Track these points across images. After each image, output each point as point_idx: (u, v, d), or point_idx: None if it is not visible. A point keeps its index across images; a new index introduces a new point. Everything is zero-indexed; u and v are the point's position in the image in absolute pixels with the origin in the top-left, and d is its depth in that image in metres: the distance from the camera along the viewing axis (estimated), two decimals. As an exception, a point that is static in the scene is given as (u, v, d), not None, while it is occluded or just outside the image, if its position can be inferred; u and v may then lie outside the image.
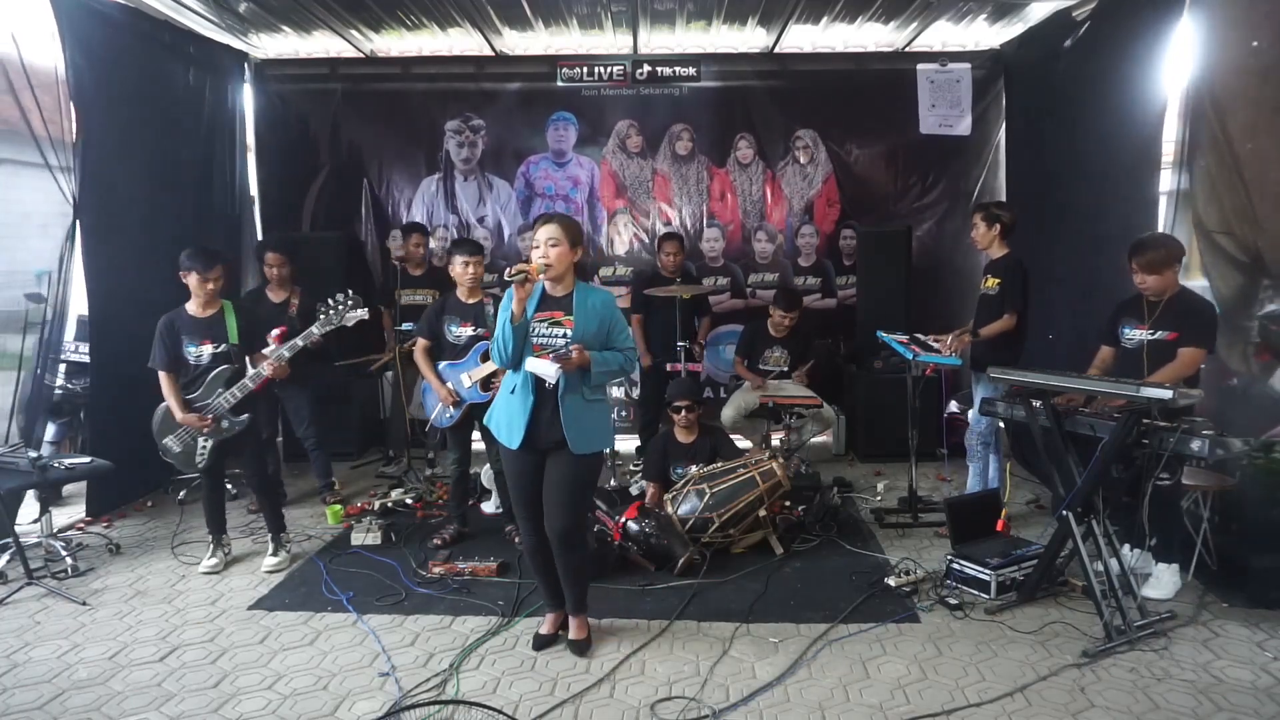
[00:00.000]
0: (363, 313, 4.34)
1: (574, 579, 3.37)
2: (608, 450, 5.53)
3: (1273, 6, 4.00)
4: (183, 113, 5.81)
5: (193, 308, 4.16)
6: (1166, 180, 4.34)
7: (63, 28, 4.66)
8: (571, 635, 3.40)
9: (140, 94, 5.35)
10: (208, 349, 4.12)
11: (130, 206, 5.19)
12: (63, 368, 5.13)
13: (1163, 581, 3.72)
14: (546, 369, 3.06)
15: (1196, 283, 4.12)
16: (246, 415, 4.16)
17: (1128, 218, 4.52)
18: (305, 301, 5.14)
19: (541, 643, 3.38)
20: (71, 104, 4.73)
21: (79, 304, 5.09)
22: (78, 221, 4.81)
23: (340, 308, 4.26)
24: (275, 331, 4.45)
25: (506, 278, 3.08)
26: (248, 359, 4.19)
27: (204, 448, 4.15)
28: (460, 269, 4.36)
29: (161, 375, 4.11)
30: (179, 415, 4.10)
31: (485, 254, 4.65)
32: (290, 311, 5.19)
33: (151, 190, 5.40)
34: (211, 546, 4.31)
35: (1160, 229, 4.26)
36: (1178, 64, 4.23)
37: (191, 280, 4.09)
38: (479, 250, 4.44)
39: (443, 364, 4.47)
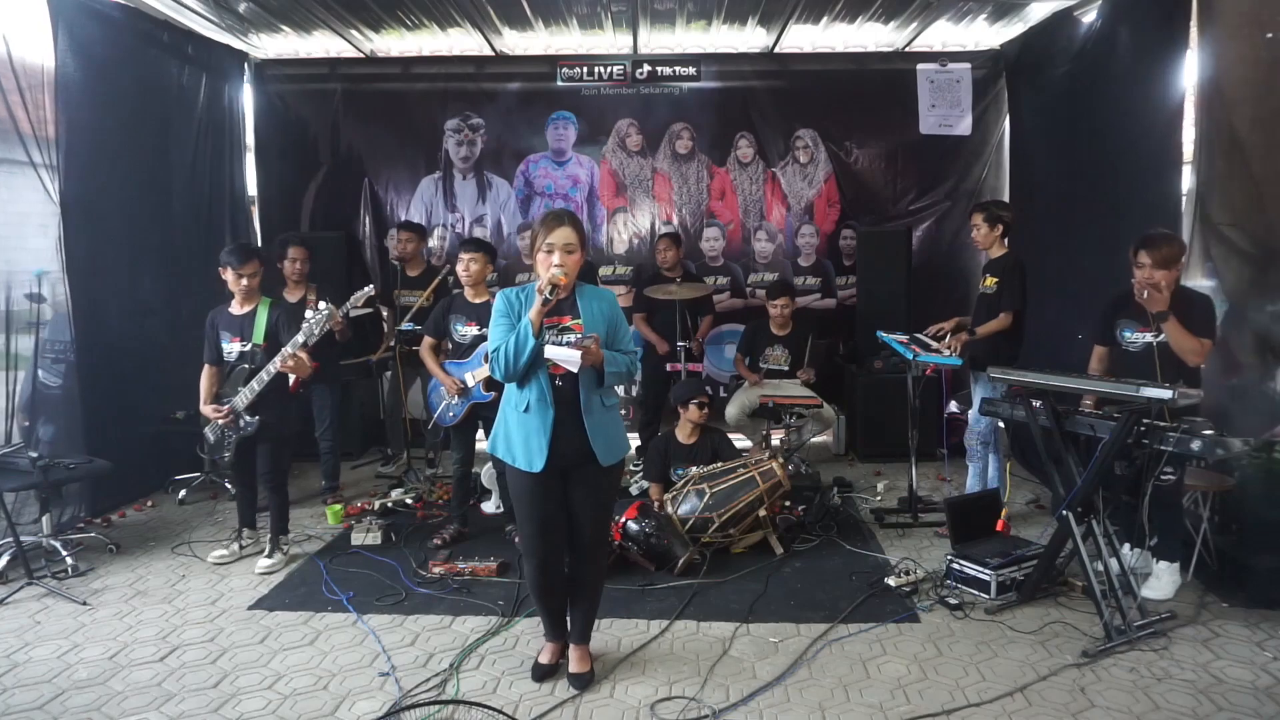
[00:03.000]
0: (369, 290, 4.37)
1: (591, 602, 3.18)
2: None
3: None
4: (181, 113, 5.80)
5: (233, 304, 4.26)
6: (1187, 177, 4.28)
7: (58, 27, 4.63)
8: (573, 668, 3.15)
9: (139, 94, 5.34)
10: (236, 346, 4.20)
11: (120, 206, 5.16)
12: (62, 367, 5.11)
13: (1163, 581, 3.72)
14: (569, 355, 2.79)
15: (1197, 283, 4.08)
16: (257, 417, 4.15)
17: (1152, 215, 4.38)
18: (323, 298, 5.02)
19: (543, 673, 3.15)
20: (55, 102, 4.64)
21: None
22: (62, 220, 4.75)
23: (324, 313, 4.06)
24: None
25: (547, 296, 2.83)
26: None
27: (230, 441, 4.22)
28: (458, 267, 4.37)
29: (204, 369, 4.27)
30: (201, 407, 4.24)
31: (492, 250, 4.59)
32: (308, 309, 5.11)
33: (144, 190, 5.38)
34: (234, 540, 4.41)
35: (1185, 227, 4.19)
36: (1190, 60, 4.18)
37: (227, 276, 4.18)
38: (479, 247, 4.39)
39: (447, 363, 4.52)
